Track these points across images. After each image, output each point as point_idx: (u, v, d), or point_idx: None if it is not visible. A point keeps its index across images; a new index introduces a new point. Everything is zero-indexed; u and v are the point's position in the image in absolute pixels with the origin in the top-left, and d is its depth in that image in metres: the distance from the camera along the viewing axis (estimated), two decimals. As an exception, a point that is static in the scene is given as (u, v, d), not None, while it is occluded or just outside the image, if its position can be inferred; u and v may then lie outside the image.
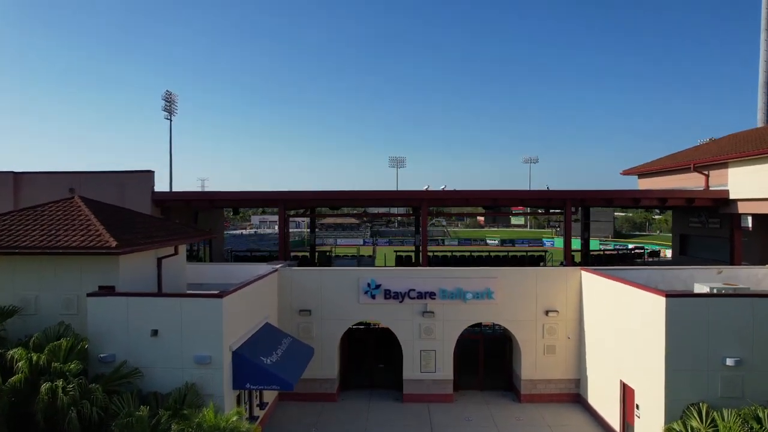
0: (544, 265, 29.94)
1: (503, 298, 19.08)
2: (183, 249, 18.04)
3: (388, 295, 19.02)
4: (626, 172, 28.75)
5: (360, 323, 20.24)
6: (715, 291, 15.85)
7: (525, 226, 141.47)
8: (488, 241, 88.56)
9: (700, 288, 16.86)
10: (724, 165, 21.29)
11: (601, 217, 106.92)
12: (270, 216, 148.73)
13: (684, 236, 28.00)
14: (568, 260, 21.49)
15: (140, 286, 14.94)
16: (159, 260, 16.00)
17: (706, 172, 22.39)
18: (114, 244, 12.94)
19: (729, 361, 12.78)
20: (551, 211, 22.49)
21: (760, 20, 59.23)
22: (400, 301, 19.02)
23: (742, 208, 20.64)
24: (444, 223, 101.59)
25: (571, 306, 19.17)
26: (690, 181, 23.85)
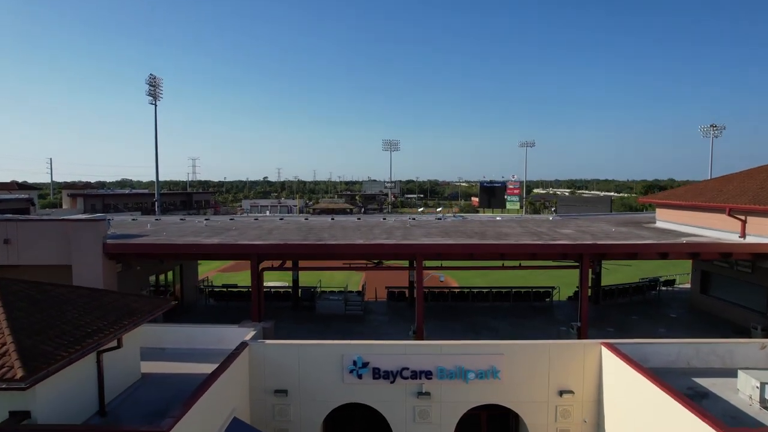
0: (550, 301, 27.38)
1: (511, 377, 16.45)
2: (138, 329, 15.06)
3: (377, 374, 16.33)
4: (644, 200, 25.89)
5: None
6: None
7: (521, 208, 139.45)
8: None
9: (746, 380, 14.35)
10: (767, 214, 18.46)
11: (598, 205, 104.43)
12: (261, 200, 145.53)
13: (706, 273, 25.34)
14: (584, 322, 18.76)
15: (71, 394, 12.11)
16: (99, 354, 13.13)
17: (743, 218, 19.54)
18: (20, 374, 9.96)
19: None
20: (566, 265, 19.65)
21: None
22: (391, 382, 16.35)
23: (787, 266, 17.94)
24: (440, 209, 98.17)
25: (588, 385, 16.57)
26: (719, 222, 21.03)
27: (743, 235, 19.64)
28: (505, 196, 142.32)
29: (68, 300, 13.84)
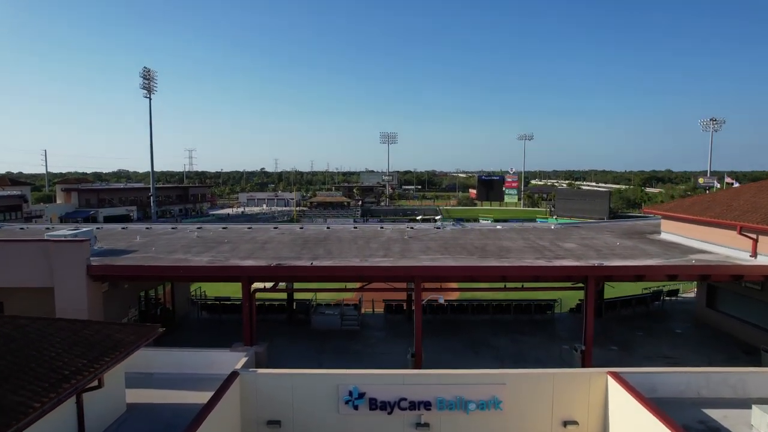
0: (552, 314, 26.72)
1: (513, 407, 15.77)
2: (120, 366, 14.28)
3: (373, 405, 15.63)
4: (648, 211, 25.12)
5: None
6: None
7: (519, 200, 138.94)
8: (481, 221, 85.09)
9: (761, 416, 13.70)
10: (780, 235, 17.73)
11: (597, 200, 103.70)
12: (258, 194, 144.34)
13: (712, 287, 24.66)
14: (589, 346, 18.08)
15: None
16: (78, 395, 12.38)
17: (754, 236, 18.81)
18: (-14, 437, 9.21)
19: None
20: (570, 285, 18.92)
21: None
22: (389, 413, 15.66)
23: (801, 289, 17.23)
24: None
25: (593, 415, 15.92)
26: (728, 239, 20.30)
27: (754, 254, 18.92)
28: (503, 189, 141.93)
29: (45, 336, 13.06)
